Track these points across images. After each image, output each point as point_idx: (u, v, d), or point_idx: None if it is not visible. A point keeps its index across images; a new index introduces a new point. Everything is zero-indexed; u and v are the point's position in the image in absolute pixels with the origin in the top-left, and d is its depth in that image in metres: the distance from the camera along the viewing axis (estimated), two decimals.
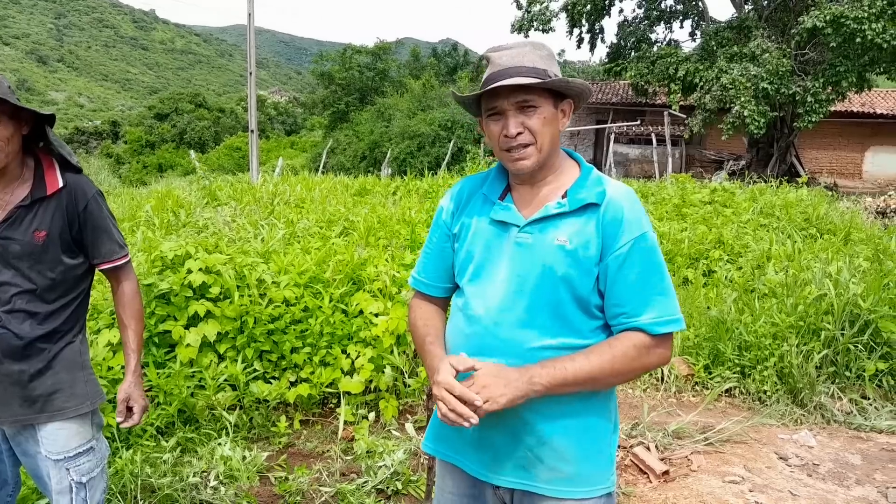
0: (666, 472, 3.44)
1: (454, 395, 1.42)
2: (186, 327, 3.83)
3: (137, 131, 48.25)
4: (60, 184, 2.00)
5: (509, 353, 1.53)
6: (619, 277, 1.52)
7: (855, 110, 23.32)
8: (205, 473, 3.29)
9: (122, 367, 3.46)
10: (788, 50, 18.22)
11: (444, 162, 19.60)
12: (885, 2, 16.01)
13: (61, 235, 1.99)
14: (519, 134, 1.53)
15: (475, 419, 1.41)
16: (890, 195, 12.23)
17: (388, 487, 3.22)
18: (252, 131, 18.35)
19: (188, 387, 3.65)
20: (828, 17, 16.24)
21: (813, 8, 17.06)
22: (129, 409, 2.15)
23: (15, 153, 1.94)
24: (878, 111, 23.58)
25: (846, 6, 16.23)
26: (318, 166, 23.30)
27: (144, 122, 50.55)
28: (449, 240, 1.72)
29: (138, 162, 42.27)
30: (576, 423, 1.57)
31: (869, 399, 4.50)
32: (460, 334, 1.63)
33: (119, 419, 2.14)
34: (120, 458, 3.25)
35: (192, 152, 15.37)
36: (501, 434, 1.58)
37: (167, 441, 3.48)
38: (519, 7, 22.58)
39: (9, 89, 1.90)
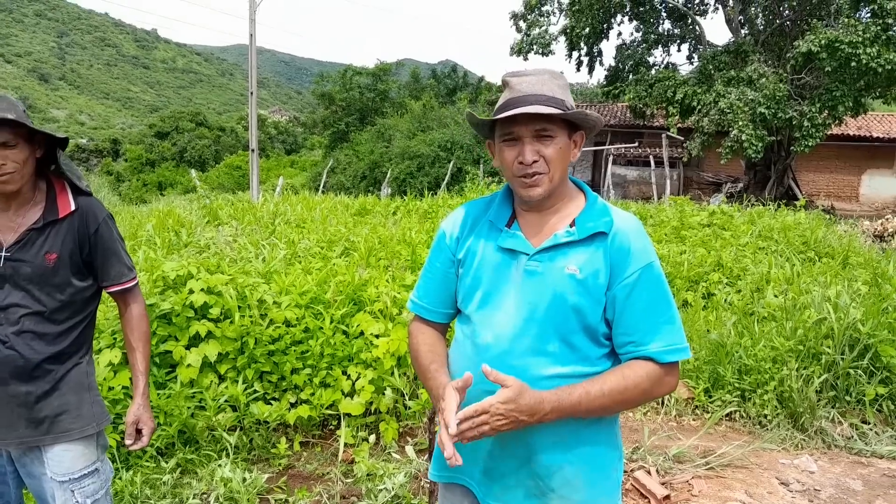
0: (667, 497, 3.43)
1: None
2: (187, 347, 3.83)
3: (138, 149, 48.40)
4: (72, 207, 2.02)
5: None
6: (627, 306, 1.54)
7: (851, 133, 23.49)
8: (205, 495, 3.28)
9: (123, 388, 3.48)
10: (785, 74, 18.40)
11: (444, 182, 19.68)
12: (879, 27, 16.21)
13: (72, 258, 2.02)
14: (535, 162, 1.53)
15: (459, 461, 1.43)
16: (887, 218, 12.29)
17: None
18: (253, 150, 18.45)
19: (188, 407, 3.64)
20: (823, 42, 16.42)
21: (808, 33, 17.26)
22: (139, 431, 2.16)
23: (29, 176, 1.97)
24: (875, 135, 23.77)
25: (841, 31, 16.42)
26: (319, 185, 23.38)
27: (145, 141, 50.72)
28: (453, 265, 1.70)
29: (138, 180, 42.35)
30: (585, 452, 1.58)
31: (869, 424, 4.50)
32: (468, 362, 1.61)
33: (128, 441, 2.15)
34: (120, 479, 3.24)
35: (192, 171, 15.42)
36: (512, 464, 1.58)
37: (167, 462, 3.46)
38: (518, 30, 22.83)
39: (24, 113, 1.93)
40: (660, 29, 23.32)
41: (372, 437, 3.89)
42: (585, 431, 1.57)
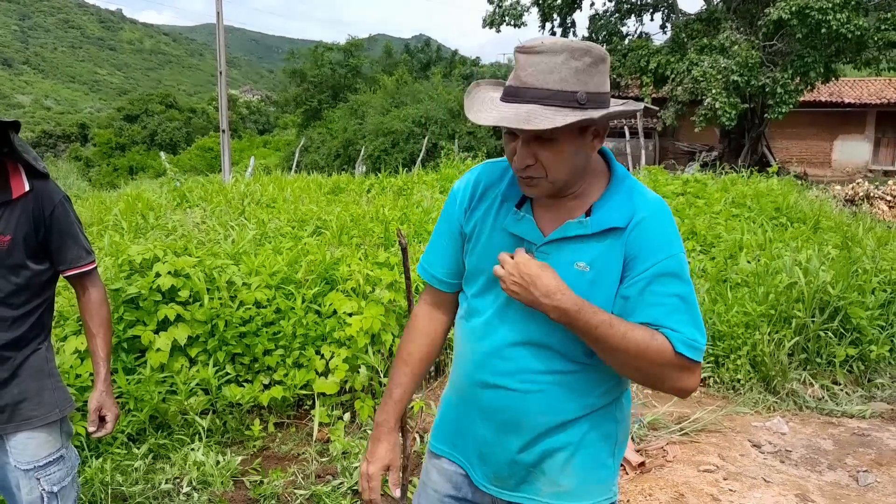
0: (642, 464, 3.46)
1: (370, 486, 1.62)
2: (156, 332, 3.76)
3: (107, 133, 47.48)
4: (27, 188, 1.96)
5: (517, 377, 1.46)
6: (639, 303, 1.37)
7: (823, 100, 23.72)
8: (178, 480, 3.24)
9: (91, 375, 3.40)
10: (757, 42, 18.46)
11: (419, 158, 19.55)
12: None
13: (26, 240, 1.96)
14: (528, 167, 1.34)
15: None
16: (858, 183, 12.44)
17: None
18: (223, 131, 18.16)
19: (159, 392, 3.58)
20: (793, 9, 16.47)
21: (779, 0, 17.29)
22: (102, 419, 2.12)
23: None
24: (846, 100, 24.01)
25: None
26: (292, 165, 23.12)
27: (114, 124, 49.75)
28: (461, 236, 1.56)
29: (108, 164, 41.58)
30: (581, 438, 1.49)
31: (840, 384, 4.58)
32: (468, 347, 1.55)
33: (92, 429, 2.11)
34: (89, 466, 3.19)
35: (162, 154, 15.12)
36: (506, 454, 1.52)
37: (138, 448, 3.42)
38: (490, 2, 22.58)
39: None
40: None
41: (347, 416, 3.87)
42: (584, 418, 1.49)
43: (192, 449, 3.43)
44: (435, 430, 1.70)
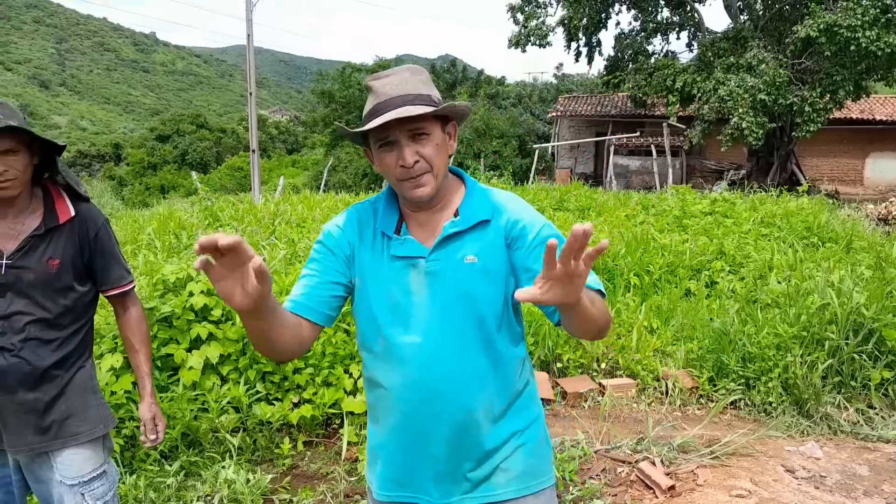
0: (672, 487, 3.42)
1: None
2: (189, 350, 3.83)
3: (139, 153, 48.46)
4: (72, 213, 2.05)
5: (454, 381, 1.54)
6: (538, 256, 1.49)
7: (854, 117, 23.40)
8: (209, 497, 3.28)
9: (126, 392, 3.49)
10: (785, 60, 18.31)
11: None
12: (878, 10, 16.11)
13: (73, 263, 2.04)
14: (416, 163, 1.48)
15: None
16: (891, 202, 12.21)
17: None
18: (253, 151, 18.46)
19: (191, 410, 3.65)
20: (822, 26, 16.33)
21: (807, 17, 17.16)
22: (156, 427, 2.23)
23: (27, 182, 1.98)
24: (878, 117, 23.66)
25: (840, 15, 16.32)
26: (320, 184, 23.39)
27: (146, 144, 50.75)
28: (345, 264, 1.59)
29: (141, 184, 42.41)
30: (518, 420, 1.63)
31: (875, 408, 4.48)
32: (398, 382, 1.57)
33: (151, 437, 2.22)
34: (123, 483, 3.25)
35: (193, 173, 15.42)
36: (458, 457, 1.59)
37: (171, 465, 3.47)
38: (516, 22, 22.76)
39: (24, 119, 1.94)
40: (658, 17, 23.21)
41: None
42: (517, 399, 1.63)
43: (223, 467, 3.48)
44: (380, 481, 1.68)
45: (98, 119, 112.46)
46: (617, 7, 22.73)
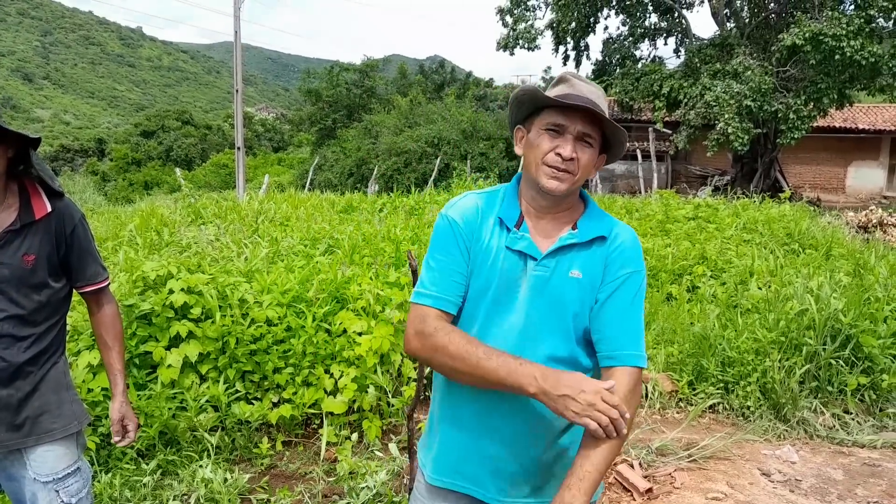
0: (649, 490, 3.44)
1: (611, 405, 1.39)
2: (168, 348, 3.79)
3: (123, 149, 48.06)
4: (48, 208, 2.01)
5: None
6: (608, 303, 1.57)
7: (837, 126, 23.66)
8: (185, 496, 3.26)
9: (103, 389, 3.44)
10: (770, 67, 18.49)
11: (431, 178, 19.64)
12: (862, 19, 16.31)
13: (49, 259, 2.01)
14: (571, 160, 1.54)
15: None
16: (871, 210, 12.36)
17: None
18: (239, 148, 18.36)
19: (169, 408, 3.61)
20: (807, 35, 16.50)
21: (793, 26, 17.34)
22: (125, 428, 2.20)
23: (2, 177, 1.94)
24: (860, 126, 23.94)
25: (825, 24, 16.51)
26: (306, 183, 23.30)
27: (131, 140, 50.38)
28: (465, 253, 1.62)
29: (124, 179, 42.07)
30: (576, 433, 1.61)
31: (851, 413, 4.54)
32: None
33: (117, 438, 2.19)
34: (99, 481, 3.21)
35: (177, 170, 15.33)
36: (522, 459, 1.61)
37: (147, 464, 3.44)
38: (505, 25, 22.82)
39: None
40: (646, 22, 23.38)
41: (354, 436, 3.88)
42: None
43: (201, 466, 3.45)
44: (435, 464, 1.70)
45: (82, 113, 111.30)
46: (605, 12, 22.86)
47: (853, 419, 4.49)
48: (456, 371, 1.52)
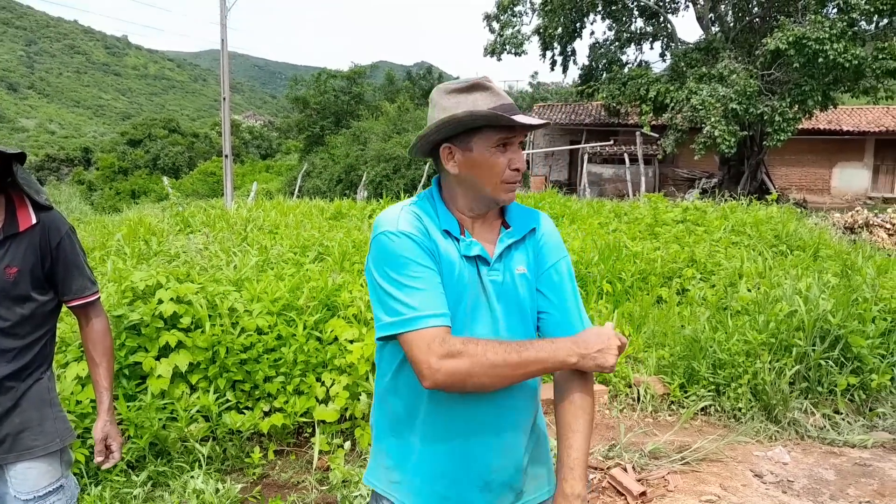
0: (643, 494, 3.44)
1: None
2: (157, 358, 3.76)
3: (110, 157, 47.76)
4: (33, 220, 1.98)
5: (515, 388, 1.55)
6: (558, 290, 1.62)
7: (822, 128, 23.91)
8: None
9: (91, 402, 3.40)
10: (755, 70, 18.66)
11: (420, 184, 19.66)
12: (845, 23, 16.50)
13: (32, 272, 1.98)
14: (520, 169, 1.57)
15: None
16: (857, 210, 12.47)
17: None
18: (226, 156, 18.30)
19: (160, 419, 3.58)
20: (790, 39, 16.68)
21: (776, 30, 17.52)
22: (108, 448, 2.14)
23: None
24: (845, 128, 24.19)
25: (808, 28, 16.69)
26: (294, 190, 23.25)
27: (117, 149, 50.09)
28: (439, 268, 1.52)
29: (111, 188, 41.80)
30: (539, 428, 1.68)
31: (841, 413, 4.56)
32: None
33: (99, 459, 2.13)
34: (88, 494, 3.18)
35: (165, 178, 15.26)
36: (508, 466, 1.59)
37: (138, 476, 3.40)
38: (491, 31, 22.90)
39: None
40: (632, 27, 23.55)
41: (347, 444, 3.85)
42: (538, 406, 1.68)
43: (192, 476, 3.42)
44: (418, 498, 1.57)
45: (67, 122, 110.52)
46: (591, 17, 23.01)
47: (843, 419, 4.52)
48: (499, 377, 1.41)
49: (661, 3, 22.70)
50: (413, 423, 1.57)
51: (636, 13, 23.22)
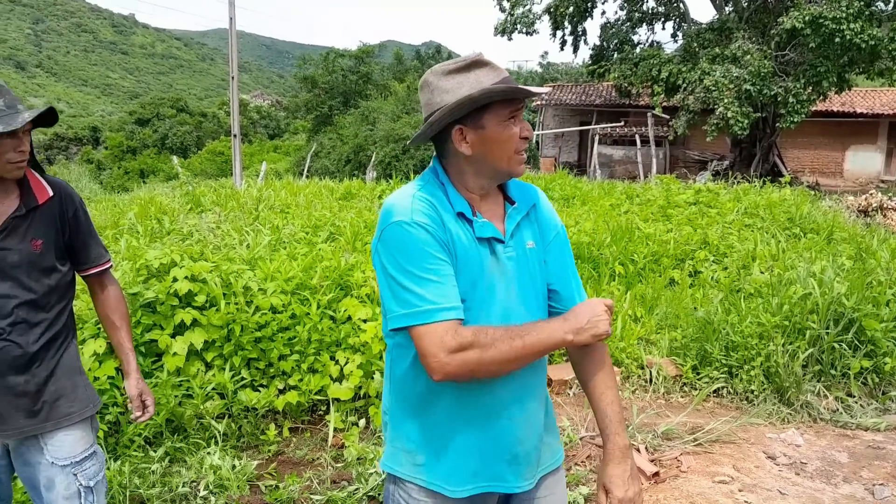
0: (656, 474, 3.46)
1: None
2: (173, 336, 3.79)
3: (118, 137, 47.75)
4: (50, 193, 2.03)
5: (535, 363, 1.57)
6: (559, 260, 1.67)
7: (835, 110, 23.64)
8: (194, 483, 3.26)
9: (109, 378, 3.44)
10: (769, 51, 18.43)
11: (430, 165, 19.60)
12: (862, 2, 16.24)
13: (55, 243, 2.03)
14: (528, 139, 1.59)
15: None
16: (871, 193, 12.36)
17: (378, 494, 3.20)
18: (235, 136, 18.27)
19: (176, 396, 3.61)
20: (807, 18, 16.45)
21: (792, 9, 17.27)
22: (143, 403, 2.24)
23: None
24: (858, 110, 23.91)
25: (824, 7, 16.44)
26: (302, 170, 23.22)
27: (125, 128, 50.04)
28: (452, 259, 1.50)
29: (119, 168, 41.83)
30: (547, 398, 1.74)
31: (854, 397, 4.55)
32: None
33: (137, 413, 2.23)
34: (108, 469, 3.21)
35: (174, 158, 15.29)
36: (532, 438, 1.64)
37: (155, 451, 3.44)
38: (502, 10, 22.67)
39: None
40: (644, 7, 23.25)
41: (362, 422, 3.88)
42: (545, 381, 1.72)
43: (209, 453, 3.45)
44: (451, 478, 1.58)
45: (75, 101, 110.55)
46: None
47: (856, 402, 4.51)
48: (507, 363, 1.44)
49: None
50: (438, 402, 1.56)
51: None
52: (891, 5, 17.72)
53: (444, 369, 1.41)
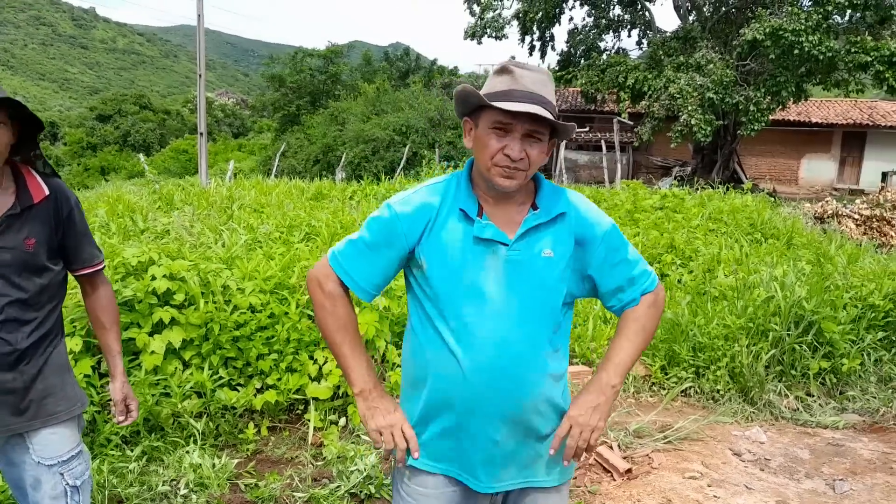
0: (629, 471, 3.57)
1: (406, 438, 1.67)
2: (151, 334, 3.77)
3: (78, 133, 46.71)
4: (46, 192, 2.01)
5: (525, 365, 1.60)
6: (609, 261, 1.68)
7: (792, 119, 24.33)
8: (174, 482, 3.26)
9: (85, 376, 3.42)
10: (731, 60, 18.92)
11: (400, 166, 19.61)
12: (820, 15, 16.77)
13: (48, 242, 2.01)
14: (521, 160, 1.55)
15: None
16: (827, 201, 12.77)
17: (360, 491, 3.24)
18: (201, 134, 18.04)
19: (153, 395, 3.60)
20: (767, 30, 16.92)
21: (753, 20, 17.75)
22: (127, 408, 2.22)
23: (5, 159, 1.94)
24: (814, 120, 24.66)
25: (784, 19, 16.93)
26: (270, 169, 23.01)
27: (85, 124, 48.96)
28: (402, 252, 1.63)
29: (79, 164, 40.89)
30: (560, 414, 1.70)
31: (813, 396, 4.74)
32: (468, 364, 1.60)
33: (121, 418, 2.22)
34: None
35: (141, 156, 15.03)
36: (513, 442, 1.64)
37: (132, 450, 3.42)
38: (472, 14, 22.81)
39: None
40: (611, 14, 23.61)
41: (342, 421, 3.91)
42: (563, 390, 1.72)
43: (187, 451, 3.45)
44: (426, 452, 1.69)
45: (32, 96, 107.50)
46: (571, 2, 23.01)
47: (815, 402, 4.70)
48: (320, 327, 1.72)
49: None
50: (425, 386, 1.70)
51: (614, 0, 23.30)
52: (847, 18, 18.33)
53: (309, 282, 1.72)
